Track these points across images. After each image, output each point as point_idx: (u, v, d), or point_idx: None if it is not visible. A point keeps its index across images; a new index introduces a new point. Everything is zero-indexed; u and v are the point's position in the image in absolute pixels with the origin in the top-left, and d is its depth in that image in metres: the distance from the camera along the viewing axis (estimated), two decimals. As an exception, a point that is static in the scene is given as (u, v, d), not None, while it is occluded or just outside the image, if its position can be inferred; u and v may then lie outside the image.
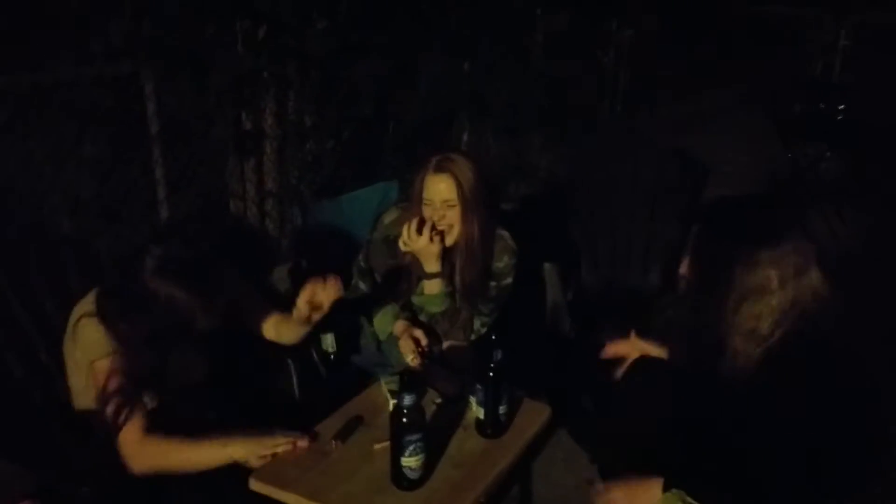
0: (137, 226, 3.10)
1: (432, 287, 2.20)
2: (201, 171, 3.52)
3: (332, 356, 2.31)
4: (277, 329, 2.03)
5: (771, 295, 1.50)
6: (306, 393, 2.20)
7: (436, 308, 2.22)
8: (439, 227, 2.18)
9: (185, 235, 1.78)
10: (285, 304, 2.04)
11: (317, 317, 1.86)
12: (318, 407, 1.87)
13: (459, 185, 2.15)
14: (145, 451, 1.61)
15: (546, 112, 5.63)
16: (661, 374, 2.11)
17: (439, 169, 2.16)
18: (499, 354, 1.62)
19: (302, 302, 1.83)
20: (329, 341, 2.29)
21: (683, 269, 1.63)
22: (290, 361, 2.18)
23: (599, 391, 2.85)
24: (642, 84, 6.89)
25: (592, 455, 2.61)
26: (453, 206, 2.16)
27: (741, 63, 7.49)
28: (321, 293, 1.83)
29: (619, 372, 2.15)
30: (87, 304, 1.71)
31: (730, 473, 1.62)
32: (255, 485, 1.52)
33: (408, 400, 1.43)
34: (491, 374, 1.62)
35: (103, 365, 1.63)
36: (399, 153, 4.46)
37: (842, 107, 5.32)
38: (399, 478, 1.48)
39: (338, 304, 2.29)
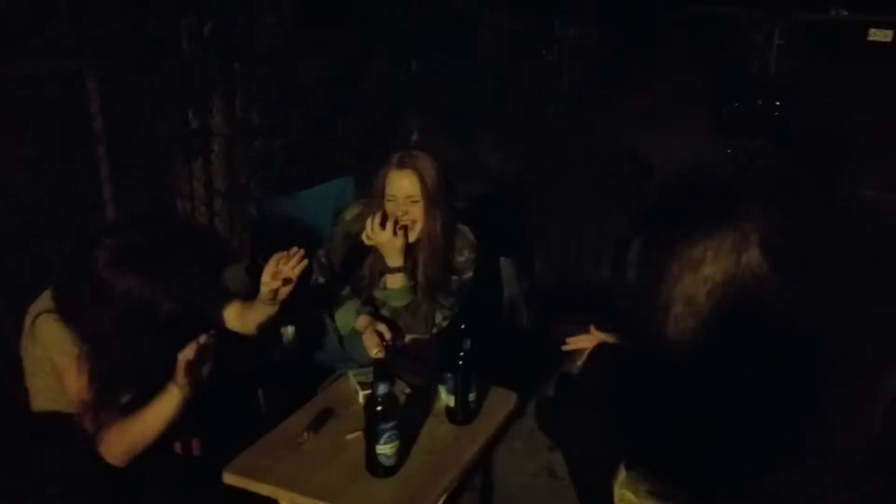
0: (82, 226, 3.02)
1: (395, 281, 2.21)
2: (148, 170, 3.45)
3: (293, 349, 2.30)
4: (242, 317, 1.99)
5: (706, 266, 1.58)
6: (268, 396, 2.19)
7: (398, 302, 2.23)
8: (402, 223, 2.19)
9: (136, 225, 1.76)
10: (244, 299, 2.03)
11: (284, 292, 1.85)
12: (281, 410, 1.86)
13: (422, 181, 2.17)
14: (112, 437, 1.59)
15: (493, 110, 5.69)
16: (618, 358, 2.19)
17: (402, 165, 2.18)
18: (468, 343, 1.65)
19: (268, 276, 1.82)
20: (290, 334, 2.28)
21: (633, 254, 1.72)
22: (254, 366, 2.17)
23: (558, 381, 2.93)
24: (585, 83, 7.03)
25: (553, 443, 2.67)
26: (416, 201, 2.19)
27: (680, 62, 7.72)
28: (286, 266, 1.82)
29: (579, 362, 2.20)
30: (44, 301, 1.68)
31: (687, 448, 1.69)
32: (228, 478, 1.51)
33: (382, 389, 1.44)
34: (461, 362, 1.64)
35: (67, 363, 1.60)
36: (348, 152, 4.45)
37: (778, 103, 5.54)
38: (374, 465, 1.49)
39: (299, 299, 2.30)
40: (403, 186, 2.17)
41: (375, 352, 2.08)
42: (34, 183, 2.88)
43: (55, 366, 1.63)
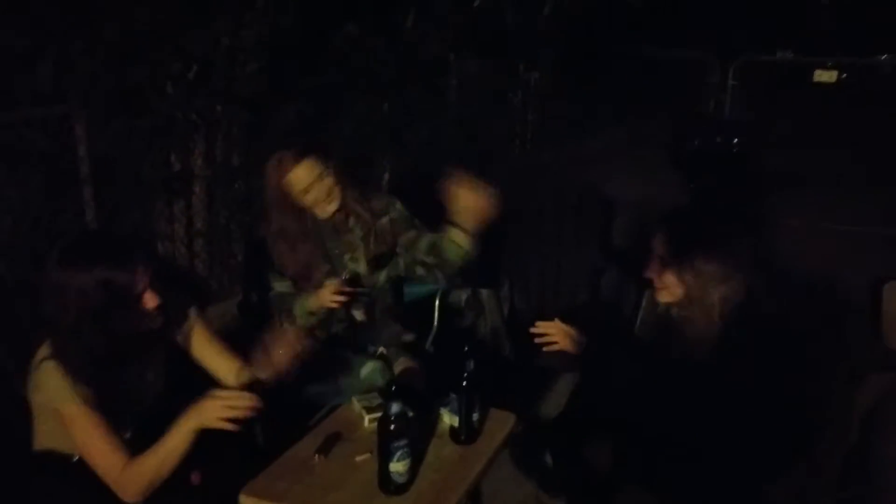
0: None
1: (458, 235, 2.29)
2: (131, 212, 3.49)
3: (288, 382, 2.34)
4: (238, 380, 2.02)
5: (722, 283, 1.73)
6: (266, 429, 2.22)
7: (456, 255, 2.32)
8: (326, 204, 2.29)
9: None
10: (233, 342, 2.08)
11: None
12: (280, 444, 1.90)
13: (316, 160, 2.27)
14: (129, 477, 1.61)
15: (464, 150, 5.84)
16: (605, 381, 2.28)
17: (293, 161, 2.27)
18: (471, 365, 1.73)
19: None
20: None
21: (655, 252, 1.86)
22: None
23: (543, 408, 3.01)
24: (549, 123, 7.25)
25: (538, 470, 2.73)
26: (324, 177, 2.27)
27: (639, 103, 8.03)
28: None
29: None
30: (46, 348, 1.69)
31: (681, 461, 1.79)
32: (246, 500, 1.56)
33: (395, 408, 1.52)
34: (465, 383, 1.73)
35: (71, 409, 1.62)
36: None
37: (736, 140, 5.81)
38: (387, 483, 1.56)
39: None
40: (303, 175, 2.26)
41: (331, 299, 2.19)
42: (21, 226, 2.92)
43: (62, 416, 1.64)
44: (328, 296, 2.24)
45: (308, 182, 2.27)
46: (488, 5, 5.57)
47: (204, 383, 2.01)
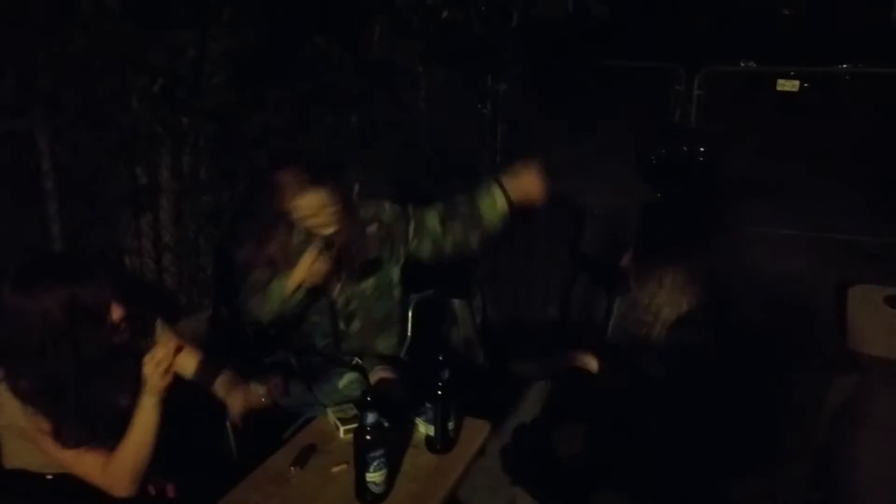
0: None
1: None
2: (97, 227, 3.43)
3: (262, 398, 2.32)
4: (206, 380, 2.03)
5: (690, 291, 1.78)
6: (240, 441, 2.20)
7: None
8: (326, 228, 2.28)
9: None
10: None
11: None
12: (254, 454, 1.89)
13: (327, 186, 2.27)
14: (112, 472, 1.61)
15: (433, 161, 5.85)
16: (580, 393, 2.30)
17: (305, 187, 2.27)
18: (446, 374, 1.73)
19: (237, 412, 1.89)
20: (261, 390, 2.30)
21: (626, 261, 1.88)
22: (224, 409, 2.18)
23: (517, 417, 3.02)
24: (518, 134, 7.30)
25: (514, 478, 2.74)
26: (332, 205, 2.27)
27: (607, 113, 8.12)
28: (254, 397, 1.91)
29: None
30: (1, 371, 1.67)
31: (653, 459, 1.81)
32: (221, 515, 1.54)
33: (370, 419, 1.52)
34: (440, 392, 1.73)
35: (35, 425, 1.61)
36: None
37: (702, 149, 5.90)
38: (364, 493, 1.55)
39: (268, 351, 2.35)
40: (311, 202, 2.25)
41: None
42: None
43: (25, 431, 1.62)
44: (307, 262, 2.18)
45: (314, 210, 2.23)
46: (457, 17, 5.60)
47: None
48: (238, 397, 1.89)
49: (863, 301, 3.90)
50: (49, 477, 1.70)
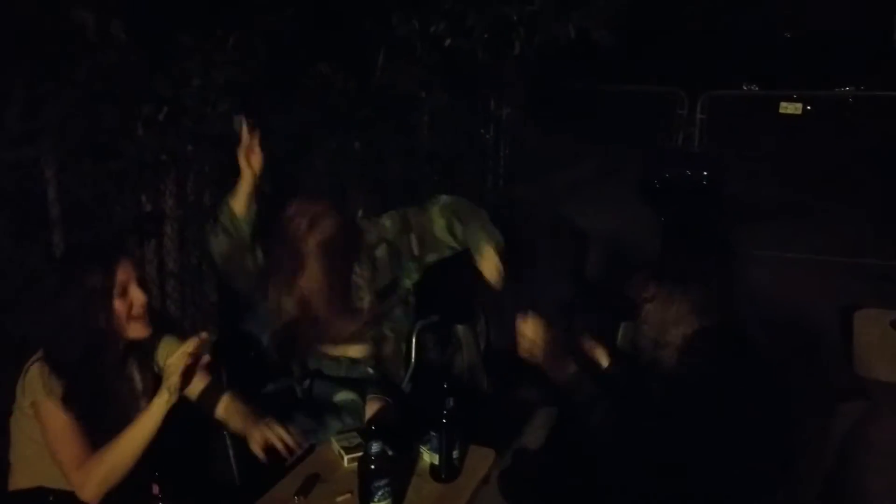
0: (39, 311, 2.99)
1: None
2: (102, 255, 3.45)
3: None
4: (227, 412, 2.01)
5: (694, 317, 1.79)
6: (242, 467, 2.19)
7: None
8: None
9: None
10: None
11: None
12: (256, 481, 1.88)
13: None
14: (87, 472, 1.61)
15: (437, 186, 5.87)
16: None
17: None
18: (451, 402, 1.73)
19: (258, 447, 1.86)
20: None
21: (632, 284, 1.87)
22: (226, 435, 2.17)
23: (520, 444, 3.00)
24: (521, 158, 7.34)
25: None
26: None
27: (609, 137, 8.18)
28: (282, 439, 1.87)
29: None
30: (38, 355, 1.73)
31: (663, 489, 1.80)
32: (225, 546, 1.53)
33: (375, 448, 1.51)
34: (444, 420, 1.72)
35: (48, 405, 1.64)
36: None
37: (706, 173, 5.92)
38: (368, 524, 1.54)
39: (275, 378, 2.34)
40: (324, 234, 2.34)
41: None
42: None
43: (38, 412, 1.65)
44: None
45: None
46: (460, 44, 5.66)
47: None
48: (259, 434, 1.86)
49: (869, 325, 3.87)
50: (50, 499, 1.71)
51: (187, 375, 1.63)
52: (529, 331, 2.04)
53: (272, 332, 2.41)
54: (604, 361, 2.13)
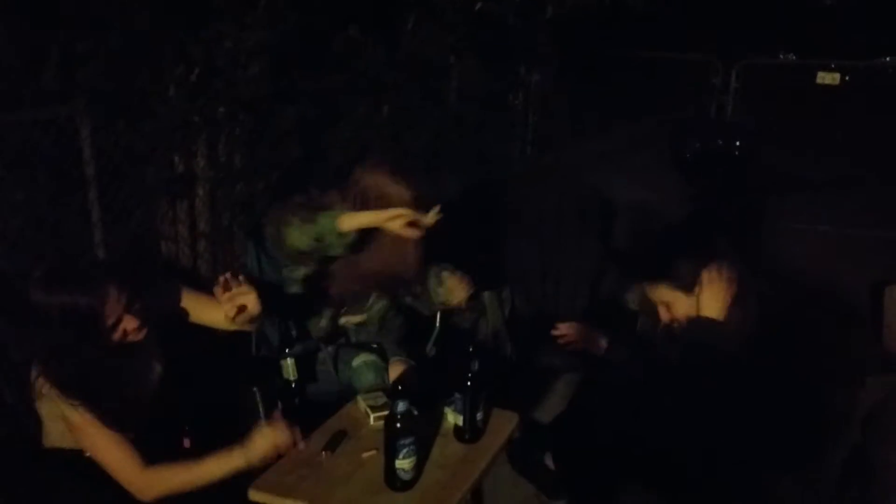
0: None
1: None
2: (135, 214, 3.51)
3: (293, 384, 2.36)
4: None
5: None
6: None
7: None
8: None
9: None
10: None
11: (240, 320, 1.85)
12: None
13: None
14: (150, 482, 1.65)
15: (464, 153, 5.86)
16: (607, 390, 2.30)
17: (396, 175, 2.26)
18: (476, 364, 1.75)
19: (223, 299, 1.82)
20: (290, 368, 2.33)
21: (660, 256, 1.90)
22: (255, 390, 2.22)
23: (544, 408, 3.03)
24: (550, 126, 7.28)
25: (539, 469, 2.75)
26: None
27: (640, 105, 8.05)
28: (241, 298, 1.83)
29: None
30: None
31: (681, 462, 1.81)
32: (255, 495, 1.59)
33: (401, 407, 1.54)
34: (469, 383, 1.75)
35: (75, 417, 1.65)
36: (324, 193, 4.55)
37: (738, 143, 5.82)
38: (393, 479, 1.58)
39: (298, 330, 2.37)
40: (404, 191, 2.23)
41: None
42: (27, 227, 2.94)
43: (69, 422, 1.67)
44: (389, 217, 2.08)
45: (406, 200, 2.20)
46: (490, 8, 5.60)
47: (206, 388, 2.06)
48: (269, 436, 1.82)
49: (899, 300, 3.82)
50: (87, 455, 1.75)
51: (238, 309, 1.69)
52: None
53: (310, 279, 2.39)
54: (603, 344, 2.15)
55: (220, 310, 1.86)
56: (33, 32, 2.95)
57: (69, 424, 1.68)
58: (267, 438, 1.67)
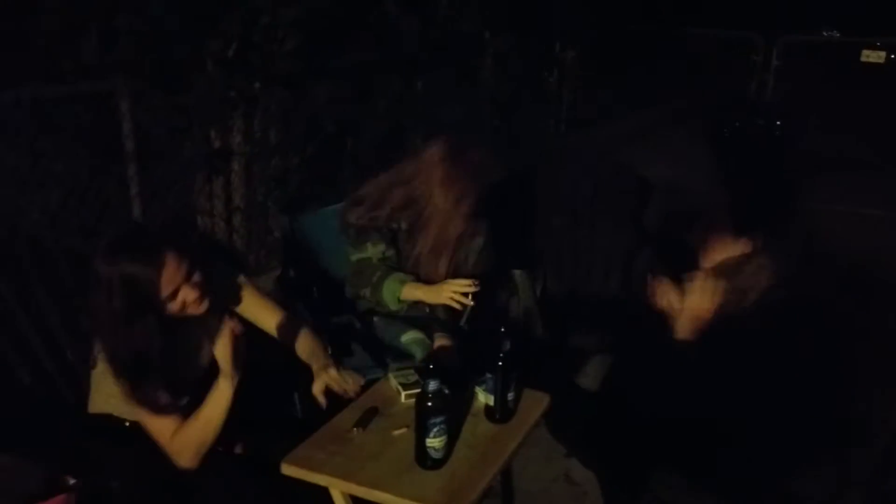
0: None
1: None
2: (173, 188, 3.57)
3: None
4: (280, 333, 2.04)
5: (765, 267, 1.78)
6: (305, 402, 2.27)
7: None
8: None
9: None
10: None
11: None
12: (318, 414, 1.95)
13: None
14: (180, 445, 1.69)
15: (497, 129, 5.83)
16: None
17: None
18: (507, 345, 1.76)
19: (318, 392, 1.88)
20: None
21: (696, 235, 1.90)
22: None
23: (573, 390, 3.03)
24: (585, 103, 7.19)
25: (569, 449, 2.76)
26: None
27: (679, 82, 7.89)
28: (339, 386, 1.89)
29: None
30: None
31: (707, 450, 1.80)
32: (287, 469, 1.62)
33: (432, 385, 1.56)
34: (500, 363, 1.75)
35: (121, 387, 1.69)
36: (357, 169, 4.58)
37: (779, 123, 5.69)
38: (423, 458, 1.60)
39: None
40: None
41: (451, 297, 2.25)
42: (68, 199, 3.00)
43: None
44: (449, 293, 2.25)
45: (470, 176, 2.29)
46: (526, -18, 5.53)
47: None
48: (326, 377, 1.89)
49: (941, 284, 3.74)
50: (127, 423, 1.79)
51: (236, 356, 1.65)
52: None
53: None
54: (676, 303, 2.07)
55: (275, 317, 1.97)
56: (74, 6, 2.99)
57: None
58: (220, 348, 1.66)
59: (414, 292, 2.31)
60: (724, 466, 1.80)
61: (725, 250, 1.88)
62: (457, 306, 2.27)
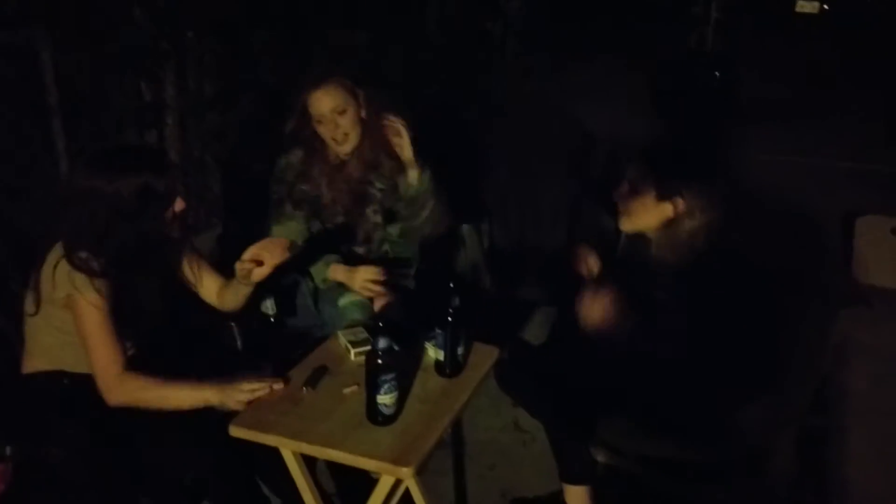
0: (40, 200, 2.98)
1: None
2: (102, 143, 3.40)
3: (272, 318, 2.35)
4: (220, 295, 2.05)
5: (700, 213, 1.81)
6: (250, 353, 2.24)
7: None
8: (338, 140, 2.24)
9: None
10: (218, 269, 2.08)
11: (258, 274, 1.87)
12: (261, 365, 1.93)
13: (343, 90, 2.24)
14: (124, 386, 1.66)
15: (440, 81, 5.74)
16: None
17: (318, 84, 2.23)
18: (456, 300, 1.74)
19: (247, 256, 1.85)
20: (269, 305, 2.32)
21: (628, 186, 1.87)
22: (232, 324, 2.21)
23: (520, 341, 3.06)
24: (529, 56, 7.14)
25: (515, 400, 2.79)
26: (343, 112, 2.23)
27: (620, 36, 7.91)
28: (267, 253, 1.85)
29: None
30: (57, 251, 1.74)
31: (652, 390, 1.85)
32: (235, 431, 1.59)
33: (382, 343, 1.54)
34: (450, 318, 1.74)
35: (88, 297, 1.66)
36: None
37: (717, 74, 5.77)
38: (374, 414, 1.59)
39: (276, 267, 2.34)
40: (326, 102, 2.21)
41: (364, 287, 2.22)
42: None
43: (75, 306, 1.67)
44: (361, 282, 2.22)
45: (324, 111, 2.20)
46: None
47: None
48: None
49: (870, 231, 3.89)
50: (66, 381, 1.76)
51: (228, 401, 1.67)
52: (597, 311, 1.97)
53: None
54: (595, 269, 2.12)
55: (214, 281, 2.00)
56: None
57: (75, 307, 1.67)
58: (246, 393, 1.66)
59: (336, 274, 2.29)
60: (665, 408, 1.85)
61: (647, 215, 1.90)
62: (369, 294, 2.24)
